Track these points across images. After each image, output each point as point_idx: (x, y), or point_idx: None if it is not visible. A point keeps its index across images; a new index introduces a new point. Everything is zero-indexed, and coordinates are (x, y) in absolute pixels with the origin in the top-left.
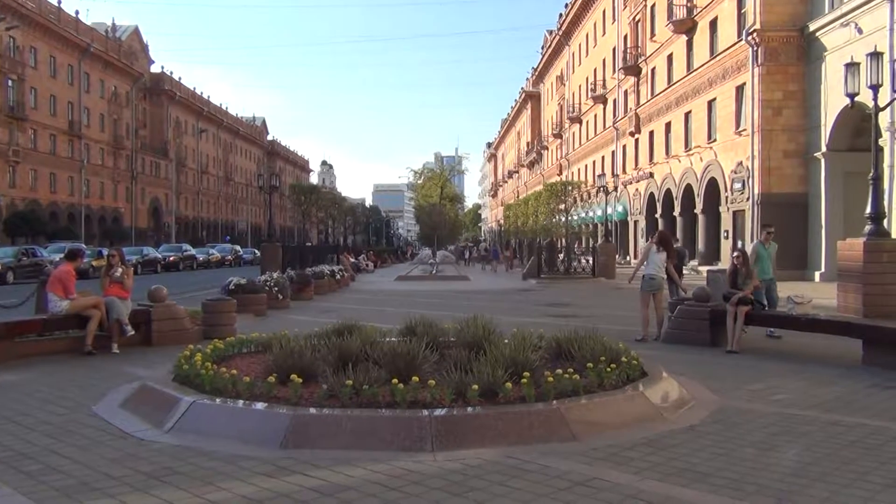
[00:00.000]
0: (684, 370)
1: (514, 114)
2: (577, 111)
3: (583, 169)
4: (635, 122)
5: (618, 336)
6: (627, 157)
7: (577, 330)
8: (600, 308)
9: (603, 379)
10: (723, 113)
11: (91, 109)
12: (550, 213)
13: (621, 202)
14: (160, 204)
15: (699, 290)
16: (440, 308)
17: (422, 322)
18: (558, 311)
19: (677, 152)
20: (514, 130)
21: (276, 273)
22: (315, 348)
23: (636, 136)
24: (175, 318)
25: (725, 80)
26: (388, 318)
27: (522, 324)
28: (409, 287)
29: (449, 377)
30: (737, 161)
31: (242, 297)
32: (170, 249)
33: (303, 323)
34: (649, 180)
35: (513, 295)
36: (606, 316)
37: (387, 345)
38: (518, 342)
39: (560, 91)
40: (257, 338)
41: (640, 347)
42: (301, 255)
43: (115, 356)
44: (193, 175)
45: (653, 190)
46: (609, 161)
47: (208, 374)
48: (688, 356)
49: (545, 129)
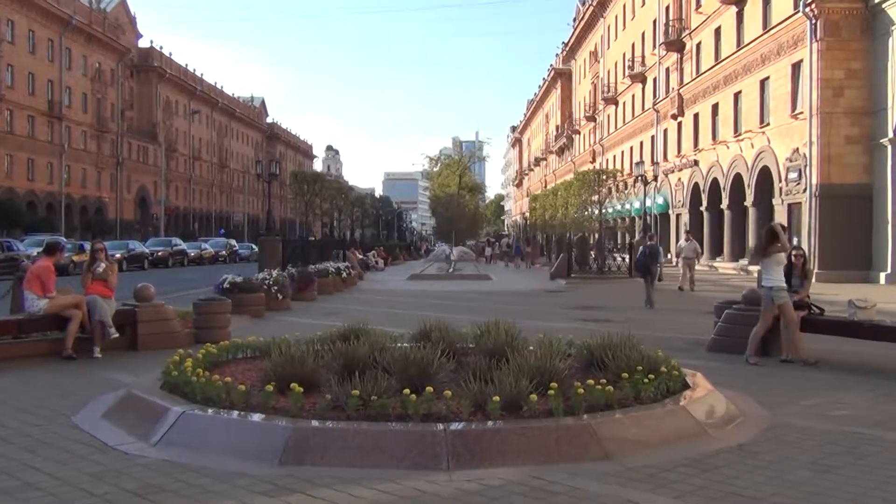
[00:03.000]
0: (732, 382)
1: (542, 94)
2: (612, 91)
3: (618, 156)
4: (678, 104)
5: (656, 343)
6: (669, 142)
7: (610, 336)
8: (637, 312)
9: (640, 391)
10: (777, 94)
11: (73, 88)
12: (582, 204)
13: (662, 193)
14: (148, 193)
15: (750, 293)
16: (457, 311)
17: (437, 326)
18: (590, 316)
19: (725, 138)
20: (541, 112)
21: (275, 271)
22: (318, 354)
23: (679, 119)
24: (163, 320)
25: (780, 56)
26: (399, 322)
27: (549, 329)
28: (423, 287)
29: (467, 387)
30: (792, 148)
31: (238, 297)
32: (158, 244)
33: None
34: (693, 169)
35: (539, 297)
36: (644, 321)
37: (398, 351)
38: (544, 349)
39: (593, 68)
40: (254, 342)
41: (682, 357)
42: (303, 250)
43: (98, 361)
44: (185, 161)
45: (697, 180)
46: (648, 147)
47: (200, 382)
48: (736, 366)
49: (576, 112)
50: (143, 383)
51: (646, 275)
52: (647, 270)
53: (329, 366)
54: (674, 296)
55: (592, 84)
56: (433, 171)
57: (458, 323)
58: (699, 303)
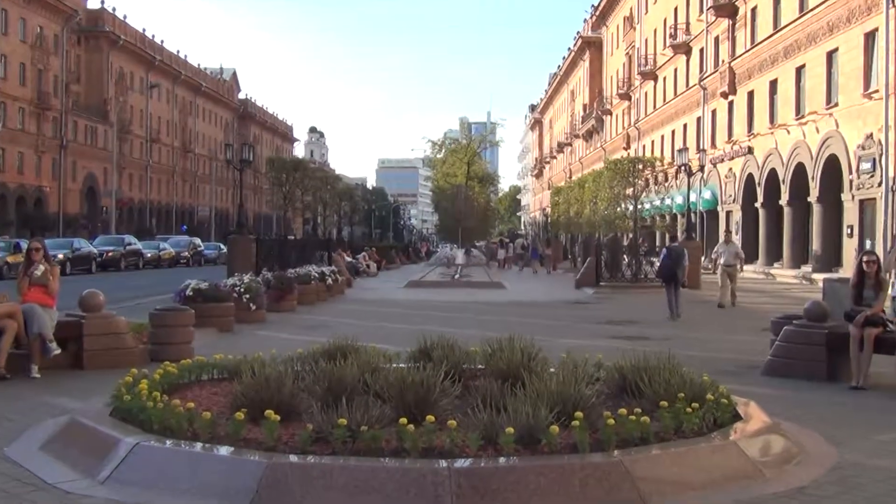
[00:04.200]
0: (792, 412)
1: (567, 67)
2: (650, 64)
3: (657, 141)
4: (729, 80)
5: (701, 365)
6: (718, 126)
7: (647, 357)
8: (680, 328)
9: (682, 423)
10: (847, 69)
11: (8, 57)
12: (614, 199)
13: (709, 186)
14: (96, 182)
15: (813, 306)
16: (464, 325)
17: (439, 343)
18: (622, 332)
19: (785, 120)
20: (565, 89)
21: (247, 275)
22: (298, 376)
23: (730, 97)
24: (114, 334)
25: (851, 24)
26: (395, 338)
27: (574, 348)
28: (423, 296)
29: (475, 417)
30: (865, 133)
31: (203, 307)
32: (108, 242)
33: (282, 342)
34: (747, 157)
35: (562, 309)
36: (687, 339)
37: (393, 373)
38: (568, 372)
39: (628, 37)
40: (222, 361)
41: (732, 382)
42: (281, 251)
43: (36, 382)
44: (141, 145)
45: (752, 170)
46: (693, 131)
47: (157, 408)
48: (797, 394)
49: (608, 89)
50: (89, 409)
51: (670, 281)
52: (672, 276)
53: (311, 390)
54: (717, 309)
55: (627, 55)
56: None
57: (464, 340)
58: (752, 318)
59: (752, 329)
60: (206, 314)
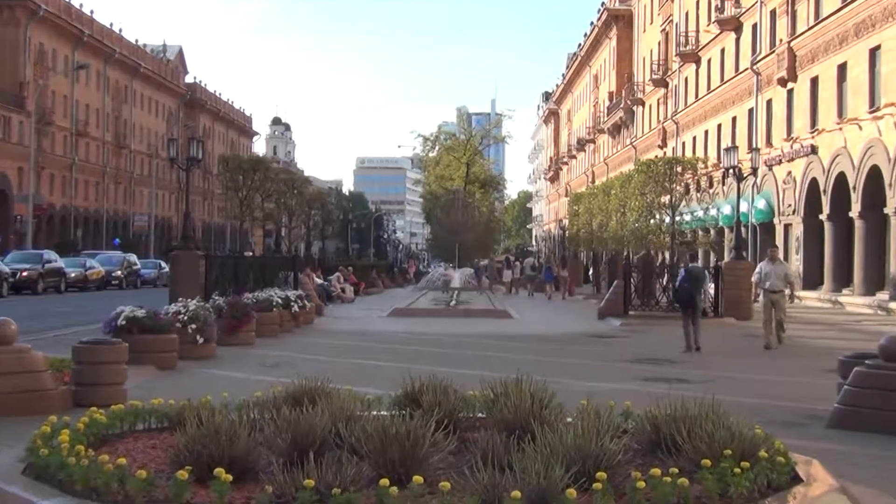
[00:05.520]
0: (864, 473)
1: (590, 46)
2: (692, 43)
3: (700, 137)
4: (788, 63)
5: (752, 415)
6: (774, 119)
7: (685, 404)
8: (725, 369)
9: (728, 486)
10: None
11: None
12: (646, 209)
13: (763, 194)
14: (9, 185)
15: (890, 343)
16: (461, 363)
17: (431, 386)
18: (656, 373)
19: (857, 114)
20: (587, 73)
21: (194, 301)
22: (255, 426)
23: (789, 85)
24: (29, 372)
25: None
26: (375, 379)
27: (597, 392)
28: (411, 327)
29: (474, 478)
30: None
31: (139, 340)
32: (23, 259)
33: (236, 383)
34: (810, 158)
35: (582, 344)
36: (735, 382)
37: (373, 422)
38: (589, 422)
39: (665, 9)
40: (161, 407)
41: (790, 436)
42: (236, 271)
43: None
44: (64, 139)
45: (816, 174)
46: (744, 126)
47: (81, 465)
48: (870, 450)
49: (639, 73)
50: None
51: (688, 307)
52: (690, 301)
53: (271, 443)
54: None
55: (663, 32)
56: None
57: (461, 381)
58: (814, 356)
59: (815, 370)
60: (142, 348)
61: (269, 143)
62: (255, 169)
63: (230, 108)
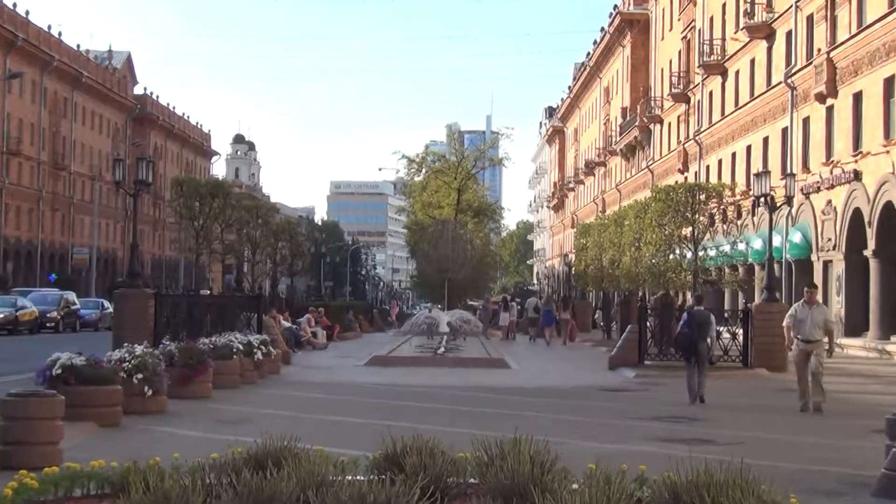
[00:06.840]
0: None
1: (600, 55)
2: (717, 52)
3: (726, 161)
4: (827, 77)
5: (788, 482)
6: (812, 141)
7: (710, 469)
8: (756, 428)
9: None
10: None
11: None
12: (665, 242)
13: (799, 226)
14: None
15: None
16: (450, 420)
17: (415, 446)
18: (676, 432)
19: None
20: (597, 86)
21: (141, 346)
22: (212, 492)
23: (829, 101)
24: None
25: None
26: (351, 438)
27: (607, 454)
28: (392, 378)
29: None
30: None
31: (77, 392)
32: None
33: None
34: (853, 185)
35: (590, 398)
36: (767, 443)
37: (347, 489)
38: (597, 490)
39: (686, 13)
40: (103, 470)
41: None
42: (191, 312)
43: None
44: None
45: (859, 204)
46: (777, 148)
47: None
48: None
49: (657, 86)
50: None
51: (690, 355)
52: (690, 348)
53: None
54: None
55: (685, 40)
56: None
57: (450, 441)
58: (858, 413)
59: (859, 430)
60: (81, 402)
61: (230, 165)
62: (213, 194)
63: (186, 123)
